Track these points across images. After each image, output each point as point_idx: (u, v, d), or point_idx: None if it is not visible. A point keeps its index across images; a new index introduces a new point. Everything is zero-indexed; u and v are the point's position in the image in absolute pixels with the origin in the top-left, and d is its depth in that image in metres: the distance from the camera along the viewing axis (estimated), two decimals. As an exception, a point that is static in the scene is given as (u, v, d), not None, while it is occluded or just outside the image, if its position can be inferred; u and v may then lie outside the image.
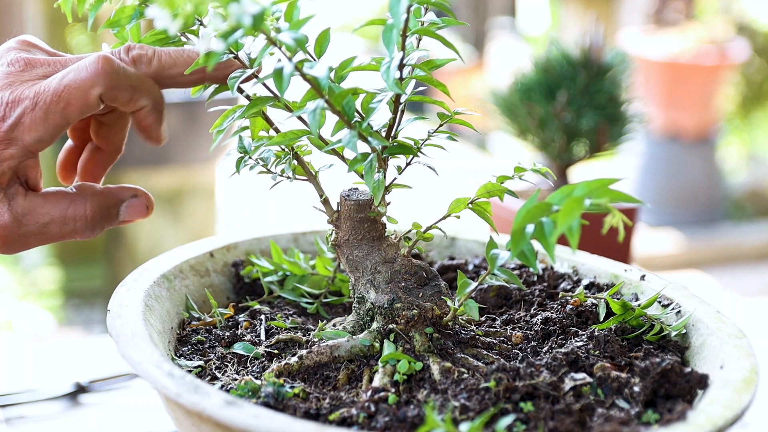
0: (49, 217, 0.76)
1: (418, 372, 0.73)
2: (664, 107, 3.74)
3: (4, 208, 0.74)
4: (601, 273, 0.90)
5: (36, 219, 0.75)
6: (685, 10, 3.98)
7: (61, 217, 0.76)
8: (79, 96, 0.72)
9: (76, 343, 1.37)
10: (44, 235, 0.76)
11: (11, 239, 0.75)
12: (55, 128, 0.73)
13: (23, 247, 0.76)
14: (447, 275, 0.92)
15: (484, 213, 0.79)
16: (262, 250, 0.94)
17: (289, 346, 0.78)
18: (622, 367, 0.74)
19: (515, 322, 0.83)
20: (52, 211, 0.76)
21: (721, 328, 0.77)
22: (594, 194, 0.63)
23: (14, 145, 0.73)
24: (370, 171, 0.74)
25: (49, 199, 0.76)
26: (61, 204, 0.76)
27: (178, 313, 0.83)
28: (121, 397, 1.06)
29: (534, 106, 1.27)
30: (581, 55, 1.28)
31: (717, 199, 3.89)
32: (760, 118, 4.66)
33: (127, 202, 0.79)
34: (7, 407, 1.02)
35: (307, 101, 0.71)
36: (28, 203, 0.75)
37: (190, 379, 0.65)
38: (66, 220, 0.76)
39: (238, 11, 0.64)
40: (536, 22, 5.75)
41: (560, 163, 1.29)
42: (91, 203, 0.77)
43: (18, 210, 0.75)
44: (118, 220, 0.79)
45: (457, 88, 4.25)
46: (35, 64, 0.75)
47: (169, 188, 3.13)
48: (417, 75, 0.77)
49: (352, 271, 0.79)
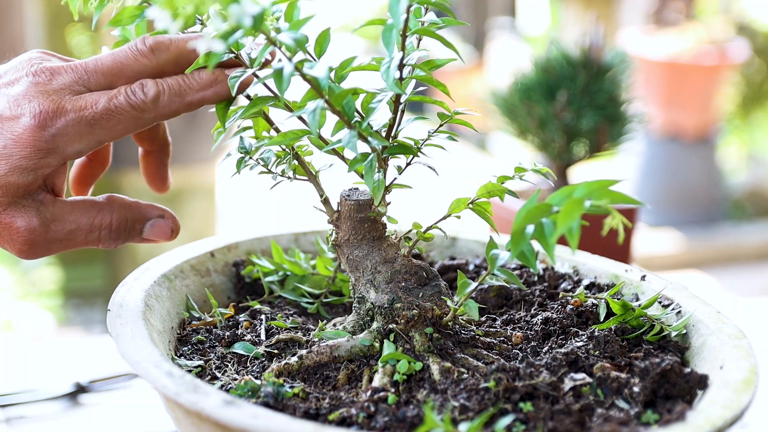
0: (77, 224, 0.77)
1: (417, 372, 0.73)
2: (664, 107, 3.74)
3: (32, 213, 0.75)
4: (602, 273, 0.90)
5: (63, 226, 0.76)
6: (685, 10, 3.98)
7: (88, 225, 0.77)
8: (131, 117, 0.75)
9: (76, 343, 1.37)
10: (69, 241, 0.77)
11: (38, 244, 0.76)
12: (98, 143, 0.75)
13: (47, 252, 0.77)
14: (448, 275, 0.92)
15: (485, 213, 0.79)
16: (262, 249, 0.94)
17: (289, 346, 0.78)
18: (622, 367, 0.74)
19: (515, 322, 0.83)
20: (81, 219, 0.77)
21: (721, 328, 0.77)
22: (594, 195, 0.63)
23: (54, 155, 0.74)
24: (370, 171, 0.74)
25: (77, 207, 0.77)
26: (89, 213, 0.77)
27: (179, 312, 0.83)
28: (121, 397, 1.06)
29: (534, 106, 1.27)
30: (581, 55, 1.28)
31: (717, 199, 3.89)
32: (760, 118, 4.66)
33: (153, 221, 0.80)
34: (7, 407, 1.02)
35: (307, 101, 0.71)
36: (57, 210, 0.76)
37: (189, 378, 0.65)
38: (92, 229, 0.77)
39: (238, 12, 0.64)
40: (536, 22, 5.75)
41: (560, 163, 1.29)
42: (118, 214, 0.78)
43: (47, 216, 0.76)
44: (141, 237, 0.80)
45: (457, 88, 4.26)
46: (59, 71, 0.76)
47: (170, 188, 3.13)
48: (417, 75, 0.77)
49: (352, 271, 0.79)
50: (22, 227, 0.75)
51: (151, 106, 0.75)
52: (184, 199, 3.18)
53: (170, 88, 0.76)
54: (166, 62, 0.77)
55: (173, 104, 0.76)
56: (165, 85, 0.76)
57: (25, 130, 0.73)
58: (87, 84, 0.76)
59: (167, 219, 0.81)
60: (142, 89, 0.75)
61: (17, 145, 0.73)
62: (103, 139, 0.75)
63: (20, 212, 0.75)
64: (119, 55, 0.77)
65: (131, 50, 0.77)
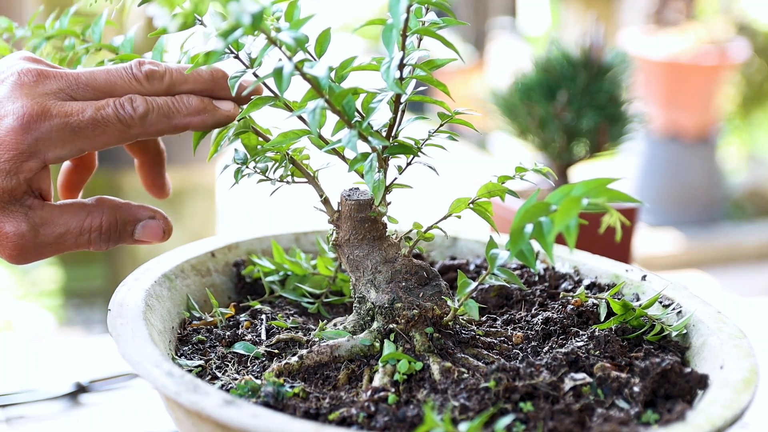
0: (66, 227, 0.76)
1: (418, 372, 0.73)
2: (664, 107, 3.73)
3: (21, 218, 0.75)
4: (603, 273, 0.90)
5: (53, 230, 0.76)
6: (686, 10, 3.98)
7: (78, 228, 0.77)
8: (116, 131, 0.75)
9: (76, 343, 1.37)
10: (59, 245, 0.77)
11: (27, 249, 0.75)
12: (79, 151, 0.75)
13: (37, 257, 0.76)
14: (448, 275, 0.92)
15: (485, 213, 0.79)
16: (263, 249, 0.94)
17: (290, 346, 0.78)
18: (623, 367, 0.74)
19: (516, 322, 0.83)
20: (70, 222, 0.77)
21: (721, 328, 0.77)
22: (592, 194, 0.63)
23: (34, 158, 0.74)
24: (371, 171, 0.74)
25: (66, 210, 0.77)
26: (78, 215, 0.77)
27: (179, 312, 0.83)
28: (121, 397, 1.06)
29: (534, 106, 1.27)
30: (581, 55, 1.28)
31: (717, 199, 3.89)
32: (760, 118, 4.66)
33: (144, 222, 0.80)
34: (7, 407, 1.02)
35: (307, 101, 0.71)
36: (46, 213, 0.76)
37: (189, 378, 0.65)
38: (82, 232, 0.77)
39: (238, 10, 0.64)
40: (536, 22, 5.75)
41: (560, 163, 1.29)
42: (108, 216, 0.78)
43: (36, 221, 0.75)
44: (132, 239, 0.80)
45: (457, 88, 4.25)
46: (48, 75, 0.75)
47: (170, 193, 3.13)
48: (417, 75, 0.77)
49: (352, 271, 0.79)
50: (11, 232, 0.74)
51: (138, 122, 0.75)
52: (185, 199, 3.18)
53: (159, 108, 0.76)
54: (158, 91, 0.77)
55: (160, 124, 0.76)
56: (154, 104, 0.76)
57: (8, 132, 0.72)
58: (74, 94, 0.75)
59: (158, 220, 0.80)
60: (132, 104, 0.75)
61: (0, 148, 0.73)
62: (85, 148, 0.75)
63: (8, 218, 0.74)
64: (114, 75, 0.77)
65: (126, 73, 0.77)
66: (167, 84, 0.78)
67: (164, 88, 0.78)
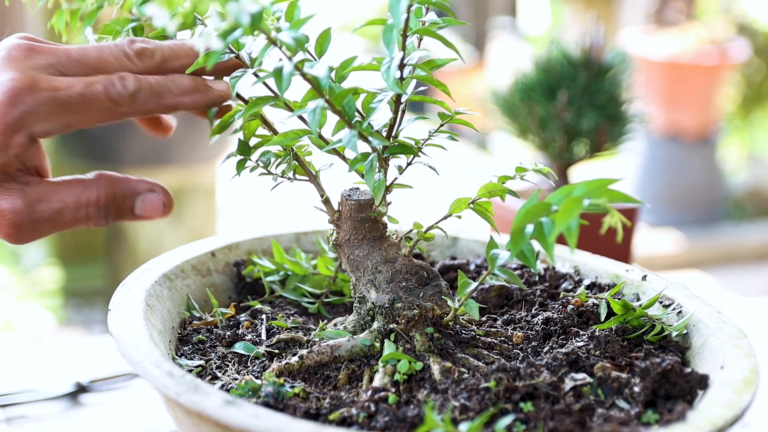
0: (63, 203, 0.75)
1: (418, 372, 0.73)
2: (664, 107, 3.73)
3: (16, 195, 0.74)
4: (603, 273, 0.90)
5: (49, 205, 0.75)
6: (686, 10, 3.97)
7: (75, 203, 0.76)
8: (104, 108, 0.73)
9: (76, 343, 1.37)
10: (56, 221, 0.75)
11: (24, 226, 0.74)
12: (66, 127, 0.74)
13: (35, 234, 0.75)
14: (449, 275, 0.92)
15: (486, 213, 0.79)
16: (263, 249, 0.94)
17: (290, 346, 0.78)
18: (623, 367, 0.74)
19: (516, 322, 0.83)
20: (66, 197, 0.75)
21: (721, 328, 0.77)
22: (593, 194, 0.63)
23: (22, 132, 0.72)
24: (371, 171, 0.74)
25: (63, 186, 0.76)
26: (75, 190, 0.76)
27: (180, 312, 0.83)
28: (121, 397, 1.06)
29: (534, 106, 1.27)
30: (582, 55, 1.28)
31: (717, 199, 3.89)
32: (760, 118, 4.66)
33: (143, 196, 0.79)
34: (7, 407, 1.02)
35: (307, 101, 0.71)
36: (42, 189, 0.75)
37: (189, 378, 0.65)
38: (79, 206, 0.76)
39: (237, 10, 0.64)
40: (537, 22, 5.75)
41: (561, 163, 1.29)
42: (105, 190, 0.77)
43: (32, 197, 0.74)
44: (133, 214, 0.79)
45: (457, 88, 4.25)
46: (38, 50, 0.74)
47: (170, 188, 3.10)
48: (417, 75, 0.77)
49: (353, 271, 0.79)
50: (7, 209, 0.74)
51: (127, 101, 0.74)
52: (185, 199, 3.18)
53: (150, 86, 0.75)
54: (149, 68, 0.76)
55: (149, 103, 0.75)
56: (145, 83, 0.75)
57: None
58: (64, 70, 0.74)
59: (158, 192, 0.79)
60: (122, 82, 0.74)
61: None
62: (72, 124, 0.74)
63: (3, 194, 0.73)
64: (105, 52, 0.76)
65: (117, 50, 0.76)
66: (158, 61, 0.76)
67: (155, 64, 0.76)
